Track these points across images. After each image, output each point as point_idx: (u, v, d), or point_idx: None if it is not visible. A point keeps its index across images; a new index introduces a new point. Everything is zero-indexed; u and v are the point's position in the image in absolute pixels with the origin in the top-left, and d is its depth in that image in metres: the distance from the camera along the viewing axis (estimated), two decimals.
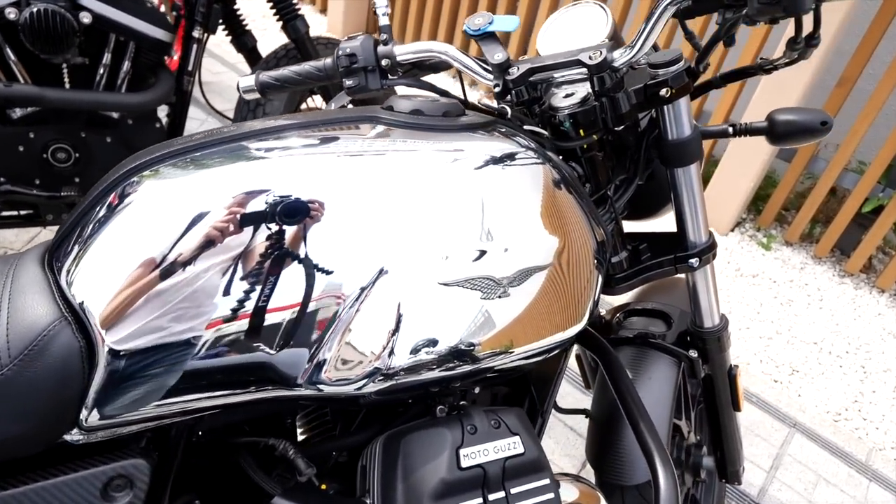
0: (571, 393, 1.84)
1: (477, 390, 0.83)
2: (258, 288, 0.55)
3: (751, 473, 1.71)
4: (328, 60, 0.85)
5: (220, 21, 1.78)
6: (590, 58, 0.71)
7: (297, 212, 0.57)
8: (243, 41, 1.83)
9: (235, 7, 1.79)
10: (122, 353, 0.53)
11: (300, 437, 0.89)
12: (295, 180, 0.58)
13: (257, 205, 0.56)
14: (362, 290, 0.58)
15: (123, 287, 0.54)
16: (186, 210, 0.56)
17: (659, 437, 0.75)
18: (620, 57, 0.71)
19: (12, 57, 1.47)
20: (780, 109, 0.79)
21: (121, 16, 1.52)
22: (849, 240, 2.65)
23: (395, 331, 0.59)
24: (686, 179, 0.84)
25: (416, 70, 0.87)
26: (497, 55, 0.77)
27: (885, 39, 2.39)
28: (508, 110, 0.78)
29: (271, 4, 1.73)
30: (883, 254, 2.80)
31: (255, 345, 0.56)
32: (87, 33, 1.50)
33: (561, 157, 0.81)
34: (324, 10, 4.35)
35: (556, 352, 0.76)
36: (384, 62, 0.82)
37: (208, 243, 0.55)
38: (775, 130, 0.78)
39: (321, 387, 0.59)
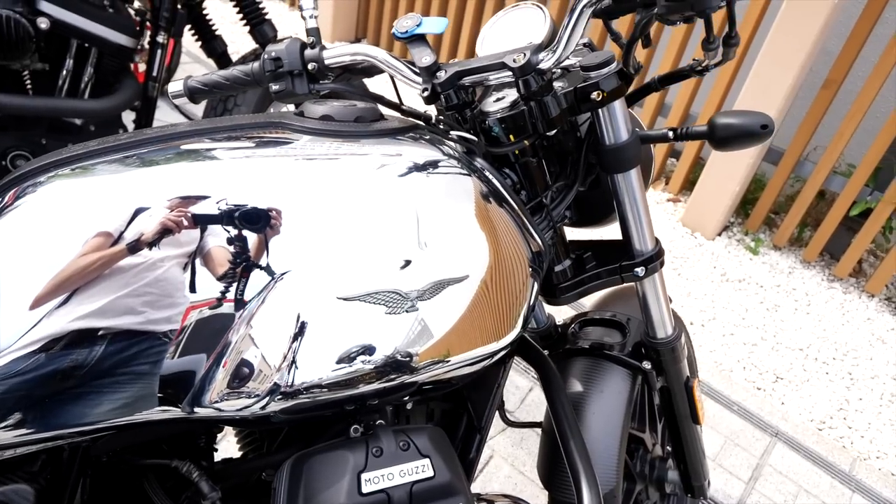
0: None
1: (410, 406, 0.80)
2: (139, 292, 0.52)
3: (729, 485, 1.67)
4: (256, 65, 0.82)
5: (189, 26, 1.76)
6: (514, 60, 0.68)
7: (206, 217, 0.55)
8: (213, 46, 1.81)
9: (204, 11, 1.77)
10: None
11: (238, 453, 0.86)
12: (200, 186, 0.56)
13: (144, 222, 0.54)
14: (258, 297, 0.55)
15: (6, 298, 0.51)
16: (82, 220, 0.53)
17: (588, 457, 0.71)
18: (545, 59, 0.68)
19: None
20: (721, 113, 0.75)
21: (81, 21, 1.50)
22: (838, 244, 2.60)
23: (296, 344, 0.56)
24: (627, 185, 0.80)
25: (348, 74, 0.84)
26: (425, 58, 0.74)
27: (871, 41, 2.35)
28: (433, 115, 0.75)
29: (238, 9, 1.71)
30: (874, 257, 2.75)
31: (139, 357, 0.53)
32: (47, 39, 1.49)
33: (495, 164, 0.78)
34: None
35: (493, 362, 0.73)
36: (311, 66, 0.79)
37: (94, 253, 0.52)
38: (716, 134, 0.75)
39: (216, 406, 0.56)
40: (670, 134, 0.78)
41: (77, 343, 0.52)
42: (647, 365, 0.98)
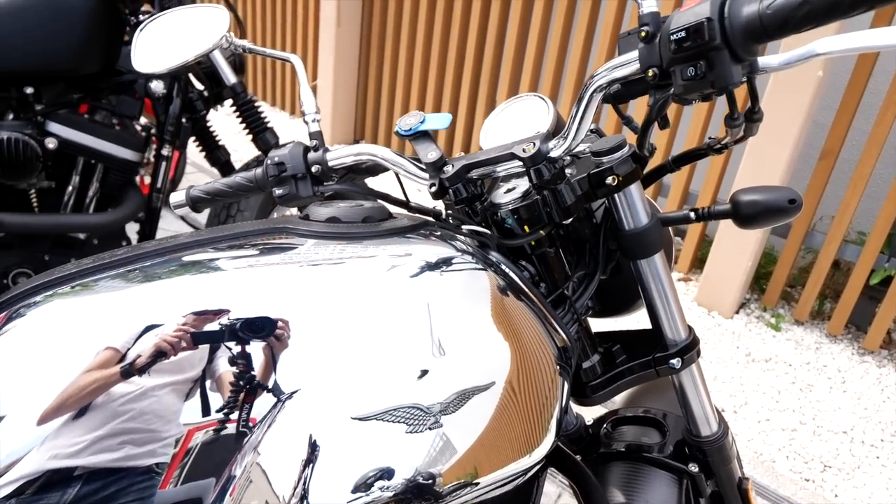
0: None
1: None
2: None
3: None
4: (259, 170, 0.81)
5: (193, 137, 1.80)
6: (523, 150, 0.66)
7: (209, 334, 0.51)
8: (216, 156, 1.84)
9: (207, 123, 1.82)
10: None
11: None
12: (203, 300, 0.53)
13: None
14: (265, 419, 0.49)
15: None
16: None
17: None
18: (556, 147, 0.66)
19: None
20: (743, 189, 0.72)
21: (89, 139, 1.53)
22: (863, 314, 2.51)
23: (308, 472, 0.49)
24: (652, 271, 0.75)
25: (352, 174, 0.82)
26: (430, 154, 0.72)
27: (861, 111, 2.40)
28: (443, 210, 0.72)
29: (240, 119, 1.75)
30: None
31: (118, 497, 0.46)
32: (55, 157, 1.51)
33: (510, 257, 0.74)
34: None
35: (526, 479, 0.64)
36: (315, 169, 0.78)
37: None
38: (740, 213, 0.71)
39: None
40: (692, 215, 0.75)
41: (50, 486, 0.45)
42: (693, 467, 0.88)
